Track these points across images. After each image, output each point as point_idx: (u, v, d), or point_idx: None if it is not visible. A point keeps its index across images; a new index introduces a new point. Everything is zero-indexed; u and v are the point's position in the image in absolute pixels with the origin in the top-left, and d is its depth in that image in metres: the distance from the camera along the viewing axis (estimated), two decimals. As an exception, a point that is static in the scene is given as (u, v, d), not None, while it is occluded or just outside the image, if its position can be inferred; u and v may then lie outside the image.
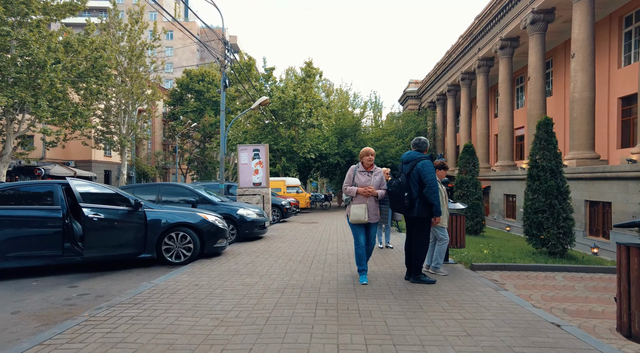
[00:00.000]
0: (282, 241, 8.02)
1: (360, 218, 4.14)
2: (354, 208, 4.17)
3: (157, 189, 8.15)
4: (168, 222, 5.66)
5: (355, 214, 4.16)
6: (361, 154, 4.41)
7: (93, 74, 19.16)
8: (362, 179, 4.26)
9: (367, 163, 4.35)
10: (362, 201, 4.20)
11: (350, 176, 4.34)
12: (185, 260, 5.69)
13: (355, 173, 4.34)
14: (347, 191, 4.29)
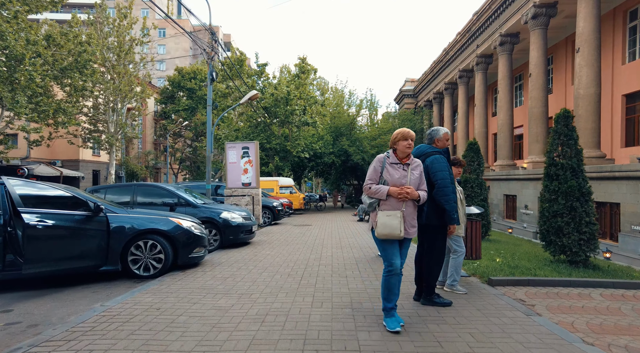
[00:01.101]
0: (271, 247, 7.24)
1: (394, 231, 2.83)
2: (384, 217, 2.87)
3: (132, 191, 7.32)
4: (135, 229, 4.85)
5: (385, 225, 2.85)
6: (395, 138, 3.05)
7: (77, 69, 18.22)
8: (395, 174, 2.95)
9: (403, 152, 3.01)
10: (396, 207, 2.90)
11: (377, 170, 2.99)
12: (155, 273, 4.89)
13: (384, 166, 2.98)
14: (372, 191, 2.96)
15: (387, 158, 3.05)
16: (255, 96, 11.48)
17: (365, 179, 3.07)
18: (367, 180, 3.04)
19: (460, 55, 25.16)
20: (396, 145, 3.05)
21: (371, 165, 3.07)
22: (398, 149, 3.04)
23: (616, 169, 11.57)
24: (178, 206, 7.12)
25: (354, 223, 13.56)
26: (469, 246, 4.38)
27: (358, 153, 23.82)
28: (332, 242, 8.01)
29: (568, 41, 18.72)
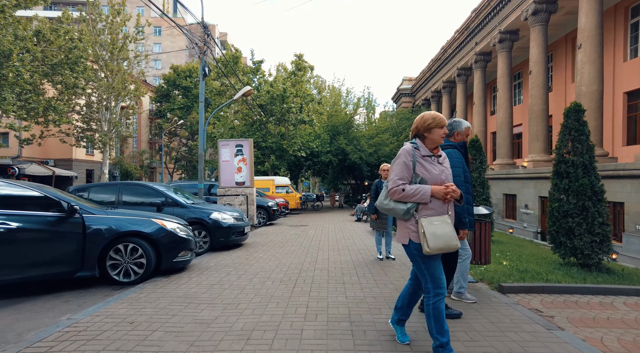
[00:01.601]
0: (265, 250, 6.85)
1: (451, 241, 2.25)
2: (433, 226, 2.25)
3: (117, 190, 6.91)
4: (114, 231, 4.45)
5: (438, 236, 2.22)
6: (427, 124, 2.42)
7: (68, 66, 17.74)
8: (434, 170, 2.38)
9: (435, 142, 2.43)
10: (441, 211, 2.33)
11: (408, 166, 2.35)
12: (136, 279, 4.50)
13: (415, 160, 2.36)
14: (408, 193, 2.30)
15: (418, 150, 2.39)
16: (249, 92, 11.08)
17: (391, 178, 2.38)
18: (397, 180, 2.34)
19: (459, 53, 24.89)
20: (428, 133, 2.40)
21: (398, 160, 2.38)
22: (429, 139, 2.42)
23: (620, 167, 11.30)
24: (166, 206, 6.72)
25: (351, 223, 13.20)
26: (477, 249, 4.02)
27: (355, 152, 23.45)
28: (328, 244, 7.64)
29: (568, 38, 18.47)
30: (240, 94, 11.13)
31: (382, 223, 5.73)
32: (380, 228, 5.77)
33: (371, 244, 7.54)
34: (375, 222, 5.81)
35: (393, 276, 4.58)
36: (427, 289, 2.30)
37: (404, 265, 5.36)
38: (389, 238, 5.89)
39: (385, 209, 2.44)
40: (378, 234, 5.94)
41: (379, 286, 4.11)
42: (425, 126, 2.42)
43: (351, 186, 37.04)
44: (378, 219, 5.79)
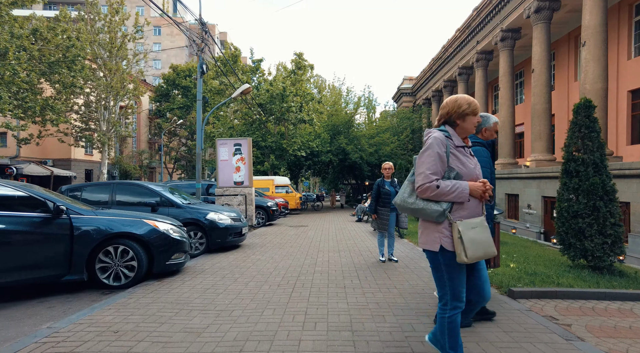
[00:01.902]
0: (263, 251, 6.64)
1: (489, 248, 1.96)
2: (470, 231, 1.92)
3: (111, 189, 6.70)
4: (103, 232, 4.24)
5: (477, 242, 1.91)
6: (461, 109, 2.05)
7: (65, 64, 17.55)
8: (469, 164, 2.04)
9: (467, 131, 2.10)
10: (475, 212, 2.00)
11: (442, 158, 1.98)
12: (127, 283, 4.28)
13: (448, 150, 2.00)
14: (443, 190, 1.94)
15: (451, 140, 2.02)
16: (247, 90, 10.88)
17: (422, 172, 1.97)
18: (429, 174, 1.94)
19: (460, 52, 24.67)
20: (462, 121, 2.04)
21: (429, 151, 1.97)
22: (462, 127, 2.05)
23: (626, 166, 11.08)
24: (161, 207, 6.51)
25: (352, 223, 12.98)
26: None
27: (356, 152, 23.23)
28: (328, 245, 7.43)
29: (571, 36, 18.26)
30: (238, 91, 10.92)
31: (384, 223, 5.51)
32: (382, 229, 5.54)
33: (373, 245, 7.33)
34: (377, 222, 5.58)
35: (396, 280, 4.37)
36: (445, 301, 2.03)
37: (407, 267, 5.15)
38: (392, 240, 5.68)
39: (409, 209, 2.04)
40: (380, 235, 5.71)
41: (382, 290, 3.89)
42: (459, 112, 2.04)
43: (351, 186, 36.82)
44: (379, 220, 5.56)
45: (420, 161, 2.03)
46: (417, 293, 3.77)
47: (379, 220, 5.57)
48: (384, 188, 5.56)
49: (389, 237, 5.66)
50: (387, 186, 5.56)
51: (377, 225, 5.63)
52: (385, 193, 5.54)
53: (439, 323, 2.06)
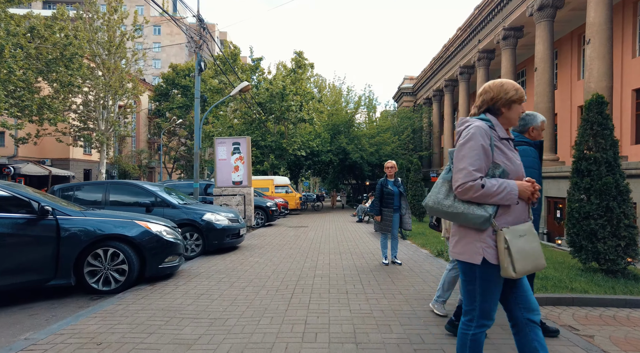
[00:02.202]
0: (261, 253, 6.41)
1: (540, 259, 1.71)
2: (520, 239, 1.65)
3: (105, 189, 6.47)
4: (93, 234, 4.02)
5: (527, 253, 1.65)
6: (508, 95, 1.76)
7: (63, 63, 17.34)
8: (516, 160, 1.77)
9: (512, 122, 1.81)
10: (522, 217, 1.72)
11: (487, 151, 1.68)
12: (117, 287, 4.06)
13: (492, 143, 1.70)
14: (489, 191, 1.63)
15: (495, 130, 1.71)
16: (246, 88, 10.66)
17: (462, 168, 1.64)
18: (472, 171, 1.62)
19: (461, 51, 24.46)
20: (507, 109, 1.75)
21: (471, 142, 1.65)
22: (506, 117, 1.76)
23: (632, 166, 10.86)
24: (156, 207, 6.29)
25: (353, 224, 12.76)
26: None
27: (356, 151, 23.01)
28: (329, 247, 7.21)
29: (574, 35, 18.06)
30: (237, 89, 10.70)
31: (388, 225, 5.28)
32: (386, 231, 5.32)
33: (375, 247, 7.11)
34: (380, 224, 5.36)
35: (401, 285, 4.14)
36: (471, 317, 1.75)
37: (412, 271, 4.92)
38: (395, 242, 5.45)
39: (444, 213, 1.72)
40: (383, 237, 5.48)
41: (386, 296, 3.66)
42: (506, 99, 1.72)
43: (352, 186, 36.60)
44: (382, 221, 5.33)
45: (459, 154, 1.67)
46: (423, 300, 3.54)
47: (382, 222, 5.34)
48: (387, 187, 5.34)
49: (392, 239, 5.44)
50: (390, 186, 5.33)
51: (380, 227, 5.41)
52: (388, 193, 5.32)
53: (461, 339, 1.80)
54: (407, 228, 5.37)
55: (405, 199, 5.38)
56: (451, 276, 3.15)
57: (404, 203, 5.35)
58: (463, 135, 1.70)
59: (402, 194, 5.37)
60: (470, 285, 1.74)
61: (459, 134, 1.77)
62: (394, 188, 5.33)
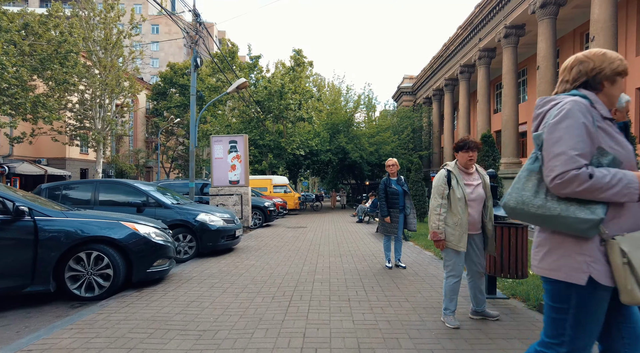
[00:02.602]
0: (257, 255, 6.12)
1: None
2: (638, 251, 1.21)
3: (94, 188, 6.18)
4: (75, 236, 3.72)
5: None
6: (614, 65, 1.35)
7: (57, 60, 17.03)
8: (627, 144, 1.36)
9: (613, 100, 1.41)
10: None
11: (590, 132, 1.27)
12: (101, 293, 3.77)
13: (594, 120, 1.29)
14: (604, 183, 1.21)
15: (593, 108, 1.32)
16: (243, 85, 10.37)
17: (559, 153, 1.27)
18: (575, 156, 1.24)
19: (462, 49, 24.24)
20: (610, 83, 1.38)
21: (569, 120, 1.28)
22: (607, 94, 1.40)
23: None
24: (147, 207, 6.00)
25: (353, 224, 12.48)
26: (512, 260, 3.30)
27: (356, 151, 22.74)
28: (329, 248, 6.92)
29: (576, 33, 17.84)
30: (234, 86, 10.41)
31: (393, 226, 4.97)
32: (391, 233, 5.01)
33: (376, 249, 6.83)
34: (387, 225, 5.03)
35: (407, 291, 3.86)
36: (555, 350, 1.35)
37: (417, 275, 4.64)
38: (399, 244, 5.16)
39: (533, 216, 1.34)
40: (387, 239, 5.19)
41: (392, 304, 3.38)
42: (612, 69, 1.35)
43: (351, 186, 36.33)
44: (391, 222, 4.98)
45: (553, 136, 1.28)
46: (432, 308, 3.26)
47: (387, 223, 5.03)
48: (390, 187, 5.05)
49: (396, 241, 5.14)
50: (393, 185, 5.05)
51: (385, 229, 5.07)
52: (392, 192, 5.02)
53: None
54: (412, 228, 5.09)
55: (409, 198, 5.09)
56: (449, 285, 2.95)
57: (408, 203, 5.06)
58: (554, 114, 1.32)
59: (407, 193, 5.08)
60: (561, 314, 1.33)
61: (542, 116, 1.40)
62: (398, 187, 5.05)
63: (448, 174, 2.97)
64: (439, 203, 2.92)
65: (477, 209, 2.92)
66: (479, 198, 2.93)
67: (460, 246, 2.84)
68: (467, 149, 2.93)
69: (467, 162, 2.96)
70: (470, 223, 2.90)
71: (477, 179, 3.00)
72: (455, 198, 2.88)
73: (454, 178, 2.93)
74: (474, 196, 2.91)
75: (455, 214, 2.88)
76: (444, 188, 2.94)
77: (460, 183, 2.90)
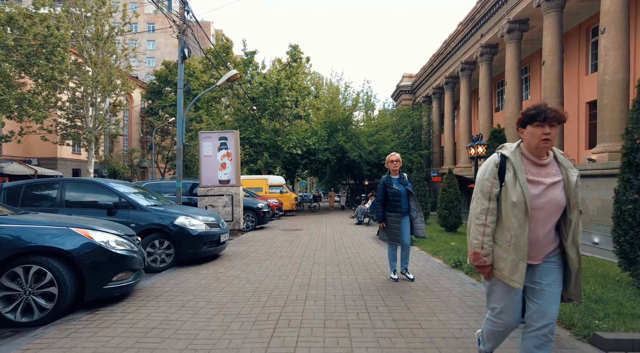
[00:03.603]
0: (245, 264, 5.41)
1: None
2: None
3: (60, 188, 5.46)
4: (9, 247, 3.01)
5: None
6: None
7: (44, 55, 16.28)
8: None
9: None
10: None
11: None
12: (42, 317, 3.05)
13: None
14: None
15: None
16: (235, 77, 9.66)
17: None
18: None
19: (463, 46, 23.63)
20: None
21: None
22: None
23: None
24: (120, 209, 5.28)
25: (352, 226, 11.79)
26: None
27: (355, 150, 22.07)
28: (325, 255, 6.22)
29: (582, 28, 17.25)
30: (224, 78, 9.70)
31: (395, 233, 4.25)
32: (394, 240, 4.27)
33: (378, 255, 6.13)
34: (387, 232, 4.34)
35: (419, 312, 3.16)
36: None
37: (428, 289, 3.94)
38: (406, 252, 4.42)
39: None
40: (392, 247, 4.46)
41: (402, 333, 2.68)
42: None
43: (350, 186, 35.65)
44: (389, 229, 4.30)
45: None
46: (454, 338, 2.57)
47: (389, 229, 4.30)
48: (391, 187, 4.30)
49: (403, 248, 4.39)
50: (395, 185, 4.30)
51: (386, 236, 4.36)
52: (393, 193, 4.28)
53: None
54: (420, 235, 4.34)
55: (414, 199, 4.34)
56: (491, 330, 1.99)
57: (413, 204, 4.32)
58: None
59: (411, 193, 4.33)
60: None
61: None
62: (400, 187, 4.30)
63: (502, 161, 1.86)
64: (483, 208, 1.86)
65: (546, 223, 1.80)
66: (551, 206, 1.78)
67: (515, 279, 1.77)
68: (542, 122, 1.74)
69: (539, 144, 1.77)
70: (532, 244, 1.79)
71: (553, 174, 1.83)
72: (508, 202, 1.79)
73: (511, 169, 1.82)
74: (542, 202, 1.77)
75: (507, 229, 1.81)
76: (491, 184, 1.86)
77: (520, 179, 1.78)
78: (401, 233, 4.28)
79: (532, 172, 1.81)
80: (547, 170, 1.83)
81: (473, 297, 3.61)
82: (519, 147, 1.88)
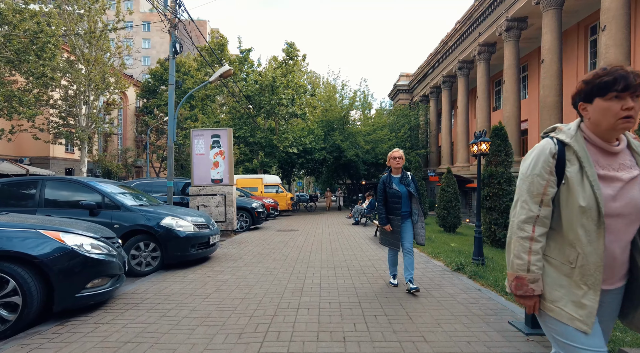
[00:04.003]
0: (235, 268, 5.12)
1: None
2: None
3: (39, 187, 5.14)
4: (-31, 252, 2.71)
5: None
6: None
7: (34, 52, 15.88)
8: None
9: None
10: None
11: None
12: (4, 330, 2.73)
13: None
14: None
15: None
16: (228, 73, 9.35)
17: None
18: None
19: (460, 45, 23.45)
20: None
21: None
22: None
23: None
24: (103, 209, 4.98)
25: (348, 226, 11.52)
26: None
27: (352, 149, 21.80)
28: (321, 257, 5.94)
29: (580, 26, 17.10)
30: (217, 74, 9.39)
31: (395, 237, 3.91)
32: (394, 245, 3.95)
33: (376, 257, 5.86)
34: (388, 236, 4.00)
35: (422, 322, 2.89)
36: None
37: (430, 295, 3.67)
38: (410, 258, 3.93)
39: None
40: (392, 252, 4.15)
41: (404, 347, 2.41)
42: None
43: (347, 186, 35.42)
44: (391, 233, 3.93)
45: None
46: (462, 353, 2.30)
47: (389, 233, 3.96)
48: (391, 187, 3.91)
49: (406, 255, 3.94)
50: (395, 185, 3.90)
51: (387, 240, 4.03)
52: (393, 194, 3.88)
53: None
54: (420, 242, 3.94)
55: (417, 202, 3.90)
56: None
57: (415, 208, 3.90)
58: None
59: (413, 195, 3.89)
60: None
61: None
62: (401, 188, 3.89)
63: (560, 149, 1.33)
64: (531, 215, 1.34)
65: (624, 235, 1.30)
66: (631, 211, 1.27)
67: (580, 317, 1.25)
68: (621, 92, 1.23)
69: (616, 124, 1.25)
70: (607, 265, 1.29)
71: (629, 166, 1.32)
72: (573, 207, 1.29)
73: (575, 162, 1.30)
74: (619, 206, 1.27)
75: (570, 245, 1.30)
76: (546, 182, 1.33)
77: (590, 174, 1.27)
78: (402, 238, 3.91)
79: (602, 164, 1.30)
80: (619, 161, 1.32)
81: (479, 304, 3.34)
82: (579, 129, 1.35)
